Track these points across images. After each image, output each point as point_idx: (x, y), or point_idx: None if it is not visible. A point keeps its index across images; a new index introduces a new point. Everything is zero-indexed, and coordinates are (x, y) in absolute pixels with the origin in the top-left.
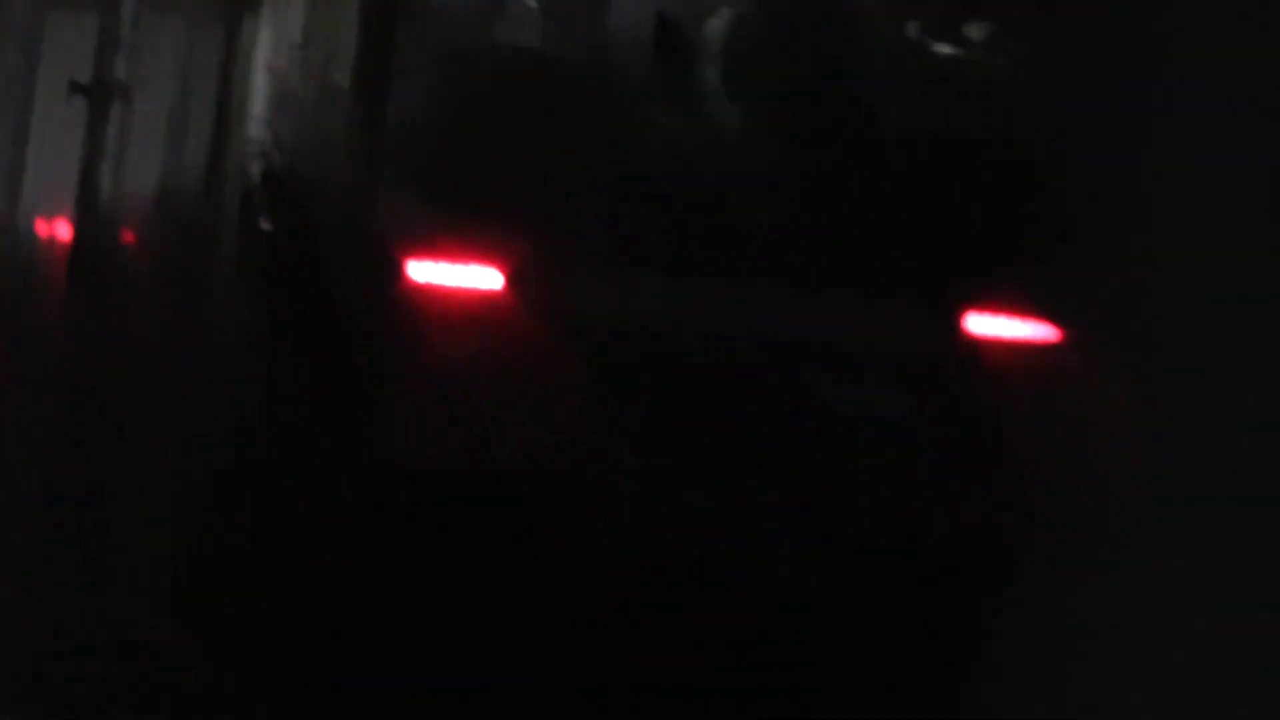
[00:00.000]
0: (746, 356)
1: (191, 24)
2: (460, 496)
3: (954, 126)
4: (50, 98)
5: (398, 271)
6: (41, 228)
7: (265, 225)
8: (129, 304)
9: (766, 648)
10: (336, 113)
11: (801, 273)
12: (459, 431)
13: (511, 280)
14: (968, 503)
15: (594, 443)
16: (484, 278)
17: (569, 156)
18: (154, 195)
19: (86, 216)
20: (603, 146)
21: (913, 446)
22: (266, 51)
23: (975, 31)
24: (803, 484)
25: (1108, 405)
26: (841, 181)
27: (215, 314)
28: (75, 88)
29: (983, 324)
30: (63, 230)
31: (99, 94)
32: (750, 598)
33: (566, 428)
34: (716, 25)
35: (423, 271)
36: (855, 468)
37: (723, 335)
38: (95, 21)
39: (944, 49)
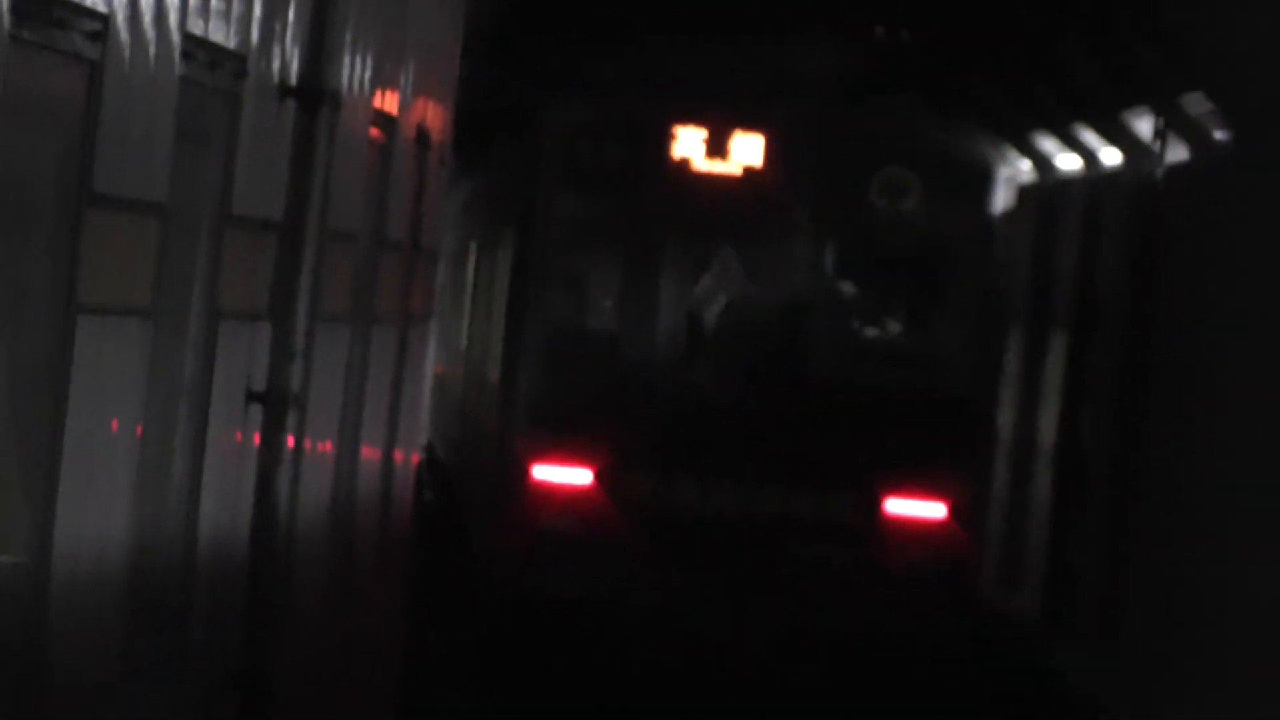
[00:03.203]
0: (744, 530)
1: (360, 334)
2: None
3: (872, 380)
4: (227, 404)
5: (526, 474)
6: (221, 533)
7: (429, 495)
8: (308, 604)
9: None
10: (486, 397)
11: (778, 474)
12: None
13: (597, 478)
14: (888, 621)
15: (652, 583)
16: (579, 476)
17: (631, 406)
18: (328, 499)
19: (264, 524)
20: (652, 397)
21: (851, 584)
22: (431, 356)
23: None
24: (786, 608)
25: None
26: (802, 415)
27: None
28: (251, 396)
29: (895, 506)
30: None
31: (274, 402)
32: (757, 680)
33: (632, 571)
34: (719, 326)
35: (541, 473)
36: (817, 599)
37: (728, 514)
38: (268, 331)
39: (861, 340)
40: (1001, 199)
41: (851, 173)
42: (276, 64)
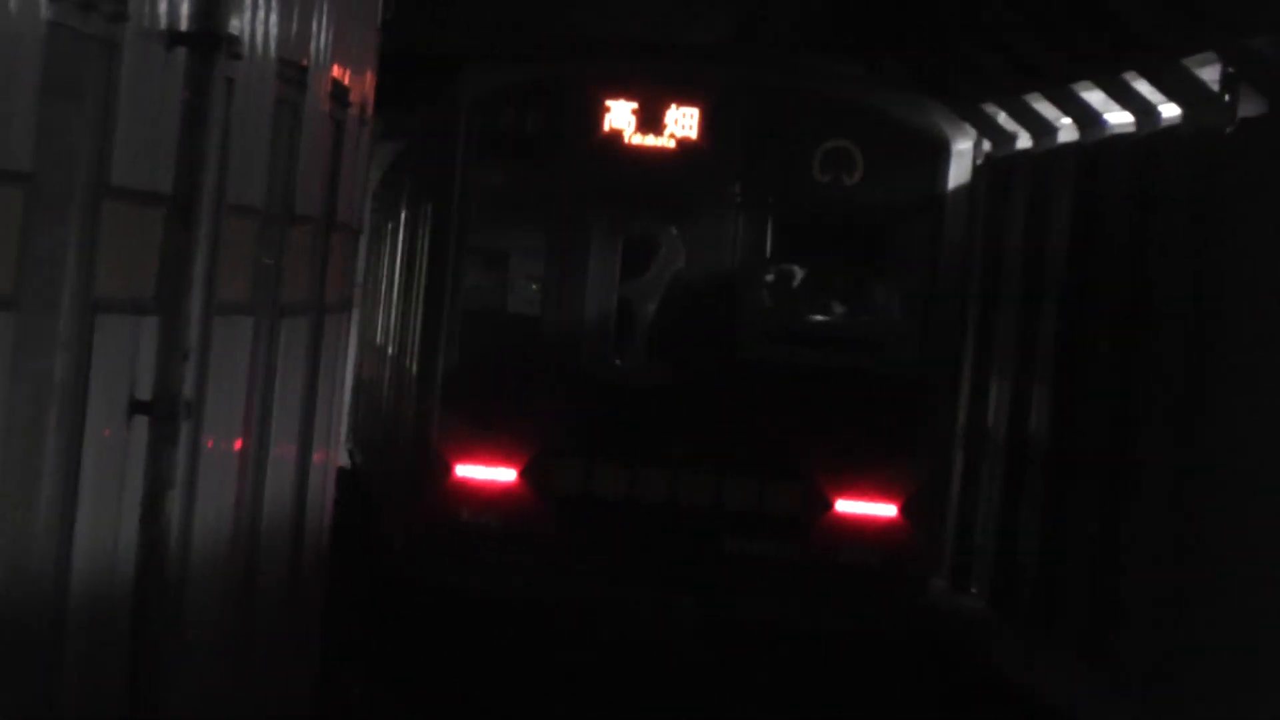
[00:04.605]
0: (677, 522)
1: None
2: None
3: (813, 364)
4: (106, 414)
5: (449, 473)
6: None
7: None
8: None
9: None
10: (404, 390)
11: (714, 463)
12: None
13: (521, 475)
14: (828, 618)
15: (572, 571)
16: (503, 474)
17: (558, 395)
18: (229, 524)
19: (151, 557)
20: (579, 385)
21: (790, 579)
22: (351, 352)
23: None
24: (720, 603)
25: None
26: (739, 402)
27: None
28: (136, 404)
29: (843, 502)
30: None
31: (162, 410)
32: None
33: (552, 560)
34: (651, 307)
35: (463, 470)
36: (753, 594)
37: (660, 504)
38: (155, 326)
39: (801, 321)
40: (958, 172)
41: (793, 146)
42: (163, 5)
